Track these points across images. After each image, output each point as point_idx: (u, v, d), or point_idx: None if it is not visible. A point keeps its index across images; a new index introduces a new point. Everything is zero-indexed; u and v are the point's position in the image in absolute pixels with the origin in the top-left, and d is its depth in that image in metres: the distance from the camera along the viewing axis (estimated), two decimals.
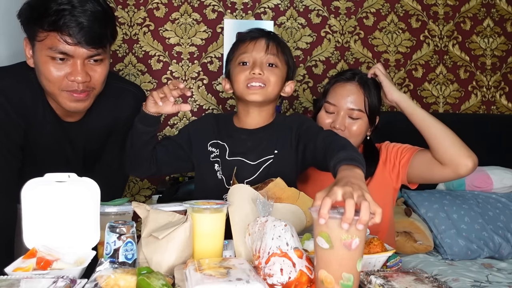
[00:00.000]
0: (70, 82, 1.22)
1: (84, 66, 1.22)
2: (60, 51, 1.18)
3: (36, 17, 1.18)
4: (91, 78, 1.24)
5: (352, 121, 1.47)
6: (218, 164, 1.34)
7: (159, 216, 1.02)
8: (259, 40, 1.34)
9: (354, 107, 1.47)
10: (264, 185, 1.18)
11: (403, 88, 2.79)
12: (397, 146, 1.55)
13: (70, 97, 1.24)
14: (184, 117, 2.66)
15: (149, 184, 2.67)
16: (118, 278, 0.81)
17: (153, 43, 2.64)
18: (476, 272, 1.86)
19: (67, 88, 1.23)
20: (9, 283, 0.81)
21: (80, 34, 1.17)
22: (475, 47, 2.84)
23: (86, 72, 1.22)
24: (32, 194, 1.00)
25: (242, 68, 1.31)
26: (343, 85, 1.50)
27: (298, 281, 0.86)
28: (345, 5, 2.75)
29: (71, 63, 1.20)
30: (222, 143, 1.36)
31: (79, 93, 1.24)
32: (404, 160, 1.49)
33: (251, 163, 1.32)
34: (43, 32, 1.17)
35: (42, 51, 1.20)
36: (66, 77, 1.21)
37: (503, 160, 2.46)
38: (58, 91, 1.24)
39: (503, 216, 2.18)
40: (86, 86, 1.24)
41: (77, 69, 1.20)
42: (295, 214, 1.09)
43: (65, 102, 1.26)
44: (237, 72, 1.32)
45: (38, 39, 1.19)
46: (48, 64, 1.20)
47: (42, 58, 1.20)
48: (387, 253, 1.00)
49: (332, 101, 1.49)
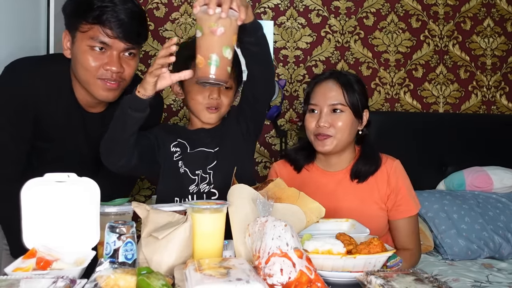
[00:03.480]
0: (105, 71, 1.32)
1: (119, 58, 1.33)
2: (101, 41, 1.30)
3: (82, 11, 1.30)
4: (124, 70, 1.35)
5: (335, 117, 1.47)
6: (181, 161, 1.40)
7: (159, 216, 1.02)
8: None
9: (335, 102, 1.48)
10: (264, 185, 1.18)
11: (403, 88, 2.79)
12: (403, 188, 1.51)
13: (104, 85, 1.34)
14: (184, 117, 2.66)
15: (149, 184, 2.68)
16: (118, 278, 0.81)
17: (153, 43, 2.64)
18: (476, 272, 1.86)
19: (102, 76, 1.33)
20: (9, 283, 0.81)
21: (120, 29, 1.30)
22: (475, 47, 2.84)
23: (120, 63, 1.33)
24: (32, 194, 1.00)
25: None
26: (321, 84, 1.52)
27: (298, 281, 0.86)
28: (345, 5, 2.75)
29: (108, 54, 1.32)
30: (183, 141, 1.42)
31: (112, 82, 1.34)
32: (394, 214, 1.50)
33: (211, 150, 1.40)
34: (87, 24, 1.30)
35: (83, 41, 1.31)
36: (102, 66, 1.32)
37: (503, 160, 2.46)
38: (93, 79, 1.33)
39: (503, 216, 2.18)
40: (119, 77, 1.34)
41: (113, 59, 1.32)
42: (295, 214, 1.09)
43: (98, 90, 1.35)
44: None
45: (81, 30, 1.31)
46: (87, 54, 1.32)
47: (82, 47, 1.32)
48: (387, 253, 1.00)
49: (314, 101, 1.51)
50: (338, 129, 1.46)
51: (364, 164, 1.50)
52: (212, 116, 1.39)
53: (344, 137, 1.48)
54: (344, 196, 1.50)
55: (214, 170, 1.39)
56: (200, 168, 1.39)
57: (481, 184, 2.35)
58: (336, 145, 1.47)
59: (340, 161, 1.53)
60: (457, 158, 2.48)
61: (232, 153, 1.40)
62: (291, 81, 2.72)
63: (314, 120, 1.49)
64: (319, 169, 1.56)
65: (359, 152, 1.54)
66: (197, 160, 1.40)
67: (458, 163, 2.46)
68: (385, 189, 1.50)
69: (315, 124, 1.48)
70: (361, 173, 1.50)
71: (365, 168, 1.50)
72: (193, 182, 1.39)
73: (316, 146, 1.49)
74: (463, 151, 2.50)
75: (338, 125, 1.47)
